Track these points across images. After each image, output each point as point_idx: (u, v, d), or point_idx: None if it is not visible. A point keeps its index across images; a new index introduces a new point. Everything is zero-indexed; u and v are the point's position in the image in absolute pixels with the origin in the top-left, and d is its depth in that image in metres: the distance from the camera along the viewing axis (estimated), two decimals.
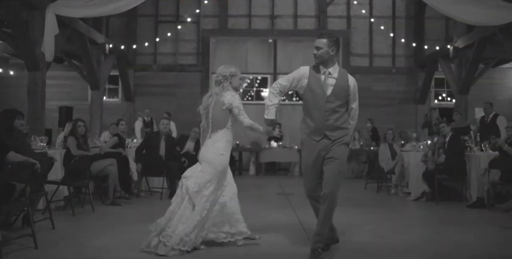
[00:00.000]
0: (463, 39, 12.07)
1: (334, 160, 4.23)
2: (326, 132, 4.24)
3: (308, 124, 4.35)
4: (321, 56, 4.29)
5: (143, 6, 14.96)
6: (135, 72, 15.08)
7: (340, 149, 4.27)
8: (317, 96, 4.27)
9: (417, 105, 15.27)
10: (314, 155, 4.29)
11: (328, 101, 4.24)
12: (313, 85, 4.30)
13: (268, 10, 15.51)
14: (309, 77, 4.34)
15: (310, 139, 4.32)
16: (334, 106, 4.25)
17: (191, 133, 10.56)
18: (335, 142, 4.26)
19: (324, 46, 4.28)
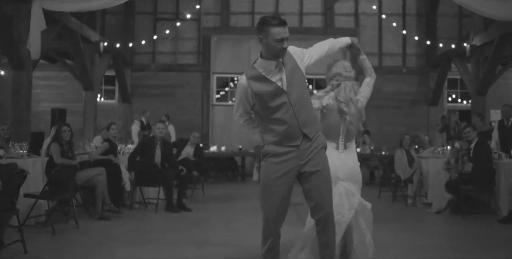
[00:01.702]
0: (480, 37, 11.30)
1: (320, 173, 3.37)
2: (304, 129, 3.35)
3: (274, 130, 3.36)
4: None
5: (141, 3, 14.31)
6: (132, 72, 14.32)
7: (322, 157, 3.43)
8: (275, 96, 3.33)
9: (429, 107, 14.50)
10: (285, 170, 3.34)
11: (290, 93, 3.33)
12: (263, 87, 3.34)
13: (272, 7, 14.76)
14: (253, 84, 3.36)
15: (281, 148, 3.35)
16: (297, 97, 3.36)
17: (190, 137, 9.83)
18: (312, 145, 3.38)
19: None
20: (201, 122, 14.15)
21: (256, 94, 3.33)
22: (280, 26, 3.24)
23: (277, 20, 3.27)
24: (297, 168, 3.37)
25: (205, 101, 14.35)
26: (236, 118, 3.55)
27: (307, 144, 3.37)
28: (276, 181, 3.35)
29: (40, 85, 13.94)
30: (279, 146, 3.37)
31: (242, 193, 10.57)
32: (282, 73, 3.36)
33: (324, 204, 3.37)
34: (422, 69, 14.59)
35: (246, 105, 3.43)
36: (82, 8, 8.73)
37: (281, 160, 3.35)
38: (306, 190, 3.42)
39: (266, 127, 3.41)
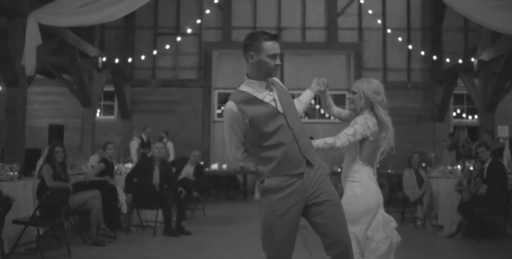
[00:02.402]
0: (488, 52, 11.02)
1: (331, 203, 2.96)
2: (306, 154, 2.96)
3: (272, 157, 2.94)
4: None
5: (141, 17, 14.09)
6: (132, 88, 14.03)
7: (329, 185, 3.02)
8: (271, 118, 2.94)
9: (435, 123, 14.18)
10: (290, 204, 2.91)
11: (287, 115, 2.97)
12: (258, 110, 2.94)
13: (274, 21, 14.53)
14: (245, 108, 2.96)
15: (283, 180, 2.92)
16: (294, 119, 3.02)
17: (190, 156, 9.50)
18: (316, 173, 2.97)
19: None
20: (202, 139, 13.83)
21: (251, 119, 2.92)
22: (273, 40, 2.93)
23: (269, 35, 2.95)
24: (302, 201, 2.94)
25: (206, 117, 14.04)
26: (231, 153, 3.10)
27: (310, 172, 2.96)
28: (280, 219, 2.92)
29: (37, 101, 13.67)
30: (280, 176, 2.93)
31: (244, 213, 10.21)
32: (274, 93, 3.00)
33: (342, 238, 2.96)
34: (428, 84, 14.31)
35: (240, 134, 3.00)
36: (79, 23, 8.46)
37: (285, 195, 2.92)
38: (317, 225, 3.00)
39: (262, 157, 2.98)
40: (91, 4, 8.11)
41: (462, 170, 8.43)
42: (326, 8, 14.45)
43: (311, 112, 14.61)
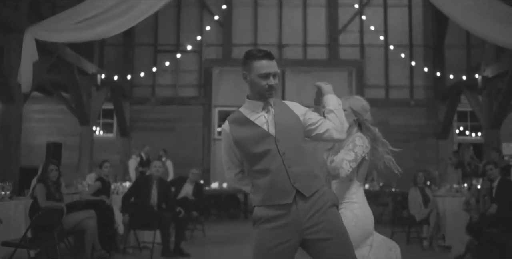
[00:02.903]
0: (493, 68, 10.88)
1: (332, 242, 2.63)
2: (296, 184, 2.65)
3: (259, 185, 2.72)
4: (277, 85, 2.83)
5: (141, 34, 14.02)
6: (131, 105, 13.87)
7: (333, 218, 2.69)
8: (259, 141, 2.72)
9: (438, 140, 13.97)
10: (282, 239, 2.63)
11: (278, 139, 2.71)
12: (246, 132, 2.77)
13: (275, 38, 14.44)
14: (234, 129, 2.81)
15: (270, 211, 2.67)
16: (289, 144, 2.73)
17: (189, 174, 9.27)
18: (315, 205, 2.65)
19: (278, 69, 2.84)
20: (202, 157, 13.60)
21: (236, 140, 2.74)
22: (264, 59, 2.72)
23: (262, 52, 2.74)
24: (298, 237, 2.64)
25: (206, 135, 13.84)
26: (225, 172, 2.93)
27: (306, 204, 2.64)
28: (270, 253, 2.63)
29: (35, 119, 13.50)
30: (267, 206, 2.69)
31: (245, 233, 9.89)
32: (269, 115, 2.78)
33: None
34: (431, 101, 14.14)
35: (231, 155, 2.83)
36: (77, 39, 8.33)
37: (274, 226, 2.64)
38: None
39: (253, 183, 2.77)
40: (89, 20, 8.02)
41: (469, 188, 8.20)
42: (327, 25, 14.37)
43: None
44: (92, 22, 8.18)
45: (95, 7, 8.25)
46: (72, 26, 7.93)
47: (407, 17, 14.44)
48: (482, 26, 8.22)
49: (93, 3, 8.29)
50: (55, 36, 7.94)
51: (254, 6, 14.45)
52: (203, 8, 14.31)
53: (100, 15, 8.37)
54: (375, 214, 10.26)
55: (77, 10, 8.06)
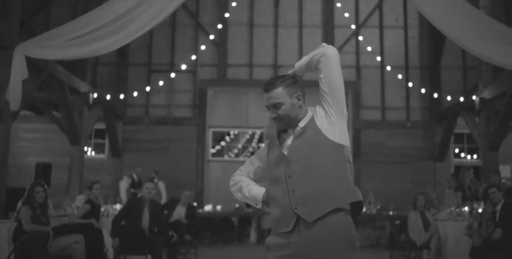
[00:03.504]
0: (490, 89, 10.77)
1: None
2: (298, 209, 2.42)
3: (271, 212, 2.58)
4: (287, 116, 2.61)
5: (135, 54, 13.88)
6: (124, 126, 13.62)
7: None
8: (276, 164, 2.58)
9: (435, 163, 13.78)
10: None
11: (290, 161, 2.52)
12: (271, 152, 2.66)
13: (271, 59, 14.34)
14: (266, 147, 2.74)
15: (275, 239, 2.50)
16: (300, 166, 2.50)
17: (181, 196, 9.00)
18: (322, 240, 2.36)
19: (285, 98, 2.63)
20: (195, 179, 13.32)
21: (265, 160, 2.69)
22: (264, 92, 2.65)
23: (264, 85, 2.67)
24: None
25: (200, 156, 13.59)
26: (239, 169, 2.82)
27: (307, 233, 2.38)
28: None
29: (26, 138, 13.22)
30: (275, 235, 2.52)
31: (240, 257, 9.63)
32: (289, 138, 2.64)
33: None
34: (427, 123, 14.01)
35: (257, 161, 2.74)
36: (68, 56, 8.13)
37: (280, 256, 2.44)
38: None
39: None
40: (82, 37, 7.86)
41: (470, 212, 7.99)
42: None
43: None
44: (84, 39, 8.03)
45: (88, 24, 8.10)
46: (64, 43, 7.75)
47: (403, 38, 14.41)
48: (481, 46, 8.14)
49: (86, 20, 8.16)
50: (47, 53, 7.76)
51: (249, 26, 14.38)
52: (198, 27, 14.23)
53: (93, 33, 8.23)
54: (372, 237, 10.09)
55: (70, 27, 7.92)
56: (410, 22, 14.47)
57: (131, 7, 8.74)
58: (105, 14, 8.49)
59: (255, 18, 14.42)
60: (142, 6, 8.83)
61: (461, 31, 8.30)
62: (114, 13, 8.59)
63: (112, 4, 8.86)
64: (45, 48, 7.70)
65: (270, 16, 14.49)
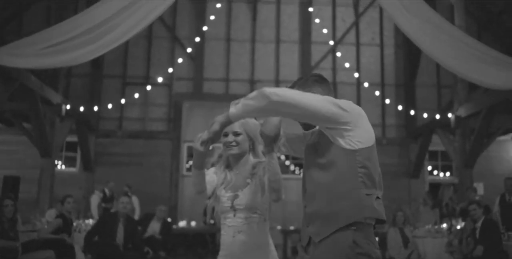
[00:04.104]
0: (466, 107, 10.89)
1: None
2: (309, 227, 2.38)
3: None
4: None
5: (110, 66, 13.63)
6: (97, 139, 13.28)
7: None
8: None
9: (410, 180, 13.83)
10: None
11: (304, 173, 2.52)
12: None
13: (247, 74, 14.26)
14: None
15: (300, 249, 2.51)
16: (310, 179, 2.43)
17: (156, 211, 8.75)
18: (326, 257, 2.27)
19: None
20: (169, 194, 13.02)
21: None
22: None
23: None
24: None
25: (174, 171, 13.32)
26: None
27: (315, 250, 2.32)
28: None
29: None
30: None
31: None
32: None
33: None
34: (403, 140, 14.08)
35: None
36: (42, 65, 7.93)
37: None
38: None
39: None
40: (56, 46, 7.68)
41: (448, 229, 7.96)
42: (300, 61, 14.32)
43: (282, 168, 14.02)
44: (59, 49, 7.85)
45: (64, 33, 7.93)
46: (38, 52, 7.55)
47: (379, 56, 14.54)
48: (459, 63, 8.22)
49: (62, 29, 7.98)
50: (19, 61, 7.52)
51: (227, 41, 14.30)
52: (175, 40, 14.07)
53: (68, 42, 8.06)
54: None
55: (45, 35, 7.72)
56: (386, 40, 14.63)
57: (108, 17, 8.60)
58: (82, 23, 8.34)
59: (232, 32, 14.36)
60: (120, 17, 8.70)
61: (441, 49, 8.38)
62: (90, 23, 8.44)
63: (89, 13, 8.72)
64: (17, 56, 7.46)
65: (248, 31, 14.45)
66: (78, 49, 8.16)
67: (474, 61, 8.21)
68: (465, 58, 8.19)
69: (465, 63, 8.19)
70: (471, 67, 8.13)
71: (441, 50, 8.43)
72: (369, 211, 2.30)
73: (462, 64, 8.22)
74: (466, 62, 8.18)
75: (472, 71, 8.04)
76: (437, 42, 8.40)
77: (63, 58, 8.05)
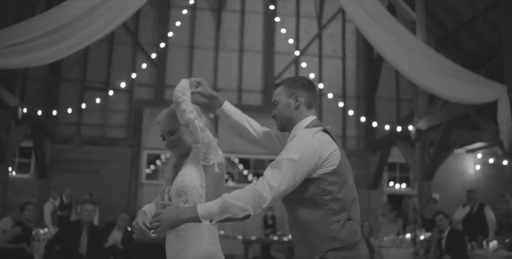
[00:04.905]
0: (426, 120, 11.15)
1: None
2: (295, 247, 2.39)
3: None
4: (279, 115, 2.51)
5: (69, 69, 13.25)
6: (53, 144, 12.78)
7: None
8: None
9: (369, 191, 14.01)
10: None
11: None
12: None
13: (210, 82, 14.10)
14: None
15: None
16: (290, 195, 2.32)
17: (118, 220, 8.45)
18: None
19: (281, 97, 2.52)
20: (128, 203, 12.67)
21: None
22: None
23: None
24: None
25: (134, 179, 12.99)
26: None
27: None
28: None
29: None
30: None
31: None
32: None
33: None
34: (363, 152, 14.25)
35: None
36: None
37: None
38: None
39: None
40: (15, 46, 7.33)
41: (413, 239, 8.05)
42: (263, 71, 14.32)
43: (240, 178, 13.92)
44: (18, 49, 7.54)
45: (23, 34, 7.61)
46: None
47: (341, 68, 14.72)
48: (425, 77, 8.39)
49: (21, 29, 7.64)
50: None
51: (190, 48, 14.16)
52: (137, 46, 13.82)
53: (27, 43, 7.75)
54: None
55: (2, 34, 7.35)
56: (347, 53, 14.85)
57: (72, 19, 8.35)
58: (44, 24, 8.04)
59: (196, 40, 14.24)
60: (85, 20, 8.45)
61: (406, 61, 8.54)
62: (53, 24, 8.16)
63: (52, 14, 8.42)
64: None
65: (211, 39, 14.36)
66: (38, 51, 7.86)
67: (438, 74, 8.42)
68: (429, 70, 8.37)
69: (429, 76, 8.37)
70: (435, 79, 8.33)
71: (406, 62, 8.60)
72: (338, 242, 2.24)
73: (426, 77, 8.39)
74: (430, 75, 8.36)
75: (436, 84, 8.24)
76: (403, 54, 8.56)
77: (21, 59, 7.72)
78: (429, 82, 8.28)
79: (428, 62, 8.27)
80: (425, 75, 8.23)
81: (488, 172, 14.68)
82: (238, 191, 2.16)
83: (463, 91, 8.18)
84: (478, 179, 14.67)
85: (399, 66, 8.58)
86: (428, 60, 8.32)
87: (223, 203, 2.10)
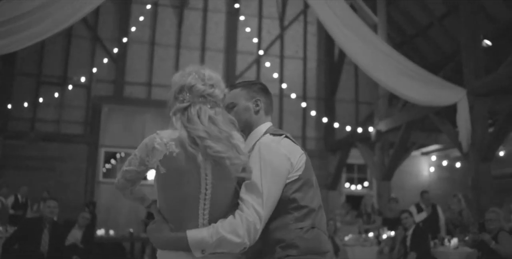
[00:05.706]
0: (386, 122, 11.36)
1: None
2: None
3: None
4: (238, 119, 2.34)
5: (24, 63, 12.76)
6: (5, 140, 12.22)
7: None
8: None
9: (328, 191, 14.15)
10: None
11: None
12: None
13: (170, 79, 13.86)
14: None
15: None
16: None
17: (78, 218, 8.18)
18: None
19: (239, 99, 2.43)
20: (84, 201, 12.27)
21: None
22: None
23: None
24: None
25: (90, 177, 12.60)
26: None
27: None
28: None
29: None
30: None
31: None
32: None
33: None
34: (322, 152, 14.37)
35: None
36: None
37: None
38: None
39: None
40: None
41: (376, 237, 8.17)
42: (224, 70, 14.21)
43: None
44: None
45: None
46: None
47: (302, 69, 14.82)
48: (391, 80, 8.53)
49: None
50: None
51: (151, 45, 13.90)
52: (96, 41, 13.44)
53: None
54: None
55: None
56: (309, 54, 14.97)
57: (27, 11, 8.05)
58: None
59: (157, 37, 13.99)
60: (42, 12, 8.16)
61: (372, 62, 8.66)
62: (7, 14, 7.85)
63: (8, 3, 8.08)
64: None
65: (173, 37, 14.16)
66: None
67: (402, 76, 8.56)
68: (393, 72, 8.51)
69: (393, 77, 8.51)
70: (399, 81, 8.47)
71: (371, 62, 8.72)
72: (297, 250, 2.14)
73: (390, 78, 8.53)
74: (394, 76, 8.50)
75: (400, 85, 8.37)
76: (367, 54, 8.67)
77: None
78: (393, 83, 8.41)
79: (393, 64, 8.41)
80: (389, 76, 8.37)
81: (442, 174, 15.15)
82: (232, 222, 2.01)
83: (425, 93, 8.35)
84: (432, 180, 15.12)
85: (364, 66, 8.69)
86: (393, 61, 8.46)
87: (219, 236, 1.97)
